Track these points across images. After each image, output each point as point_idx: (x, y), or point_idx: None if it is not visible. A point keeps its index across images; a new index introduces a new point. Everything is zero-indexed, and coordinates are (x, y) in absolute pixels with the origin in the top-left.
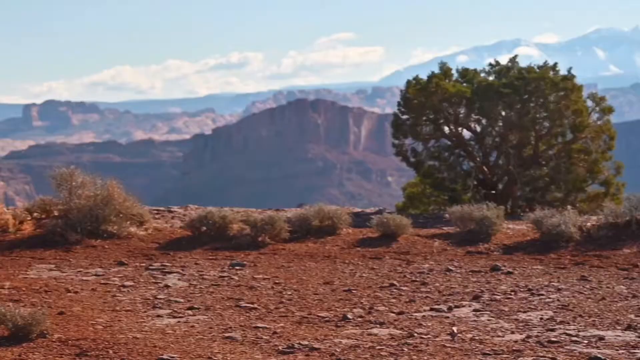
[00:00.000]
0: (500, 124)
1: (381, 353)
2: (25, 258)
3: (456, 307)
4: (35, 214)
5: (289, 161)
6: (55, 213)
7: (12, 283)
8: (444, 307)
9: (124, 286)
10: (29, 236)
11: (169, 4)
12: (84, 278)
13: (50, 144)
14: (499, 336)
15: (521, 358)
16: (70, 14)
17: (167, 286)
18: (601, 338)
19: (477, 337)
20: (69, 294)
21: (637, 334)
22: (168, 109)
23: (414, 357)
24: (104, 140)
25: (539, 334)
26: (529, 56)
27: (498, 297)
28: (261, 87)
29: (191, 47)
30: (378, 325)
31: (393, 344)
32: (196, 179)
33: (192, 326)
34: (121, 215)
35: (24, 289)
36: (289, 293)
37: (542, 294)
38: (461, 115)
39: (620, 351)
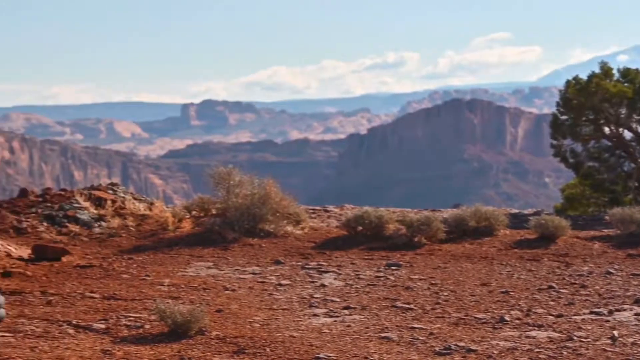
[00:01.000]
0: None
1: (539, 356)
2: (184, 256)
3: (617, 310)
4: (193, 212)
5: (444, 161)
6: (214, 211)
7: (171, 280)
8: (604, 311)
9: (280, 285)
10: (187, 234)
11: (326, 5)
12: (242, 276)
13: (207, 143)
14: None
15: None
16: (228, 16)
17: (323, 285)
18: None
19: (638, 342)
20: (226, 291)
21: None
22: (323, 109)
23: None
24: (260, 140)
25: None
26: None
27: None
28: (417, 87)
29: (347, 47)
30: (536, 328)
31: (552, 347)
32: (351, 178)
33: (349, 326)
34: (278, 214)
35: (183, 286)
36: (446, 294)
37: None
38: (622, 116)
39: None
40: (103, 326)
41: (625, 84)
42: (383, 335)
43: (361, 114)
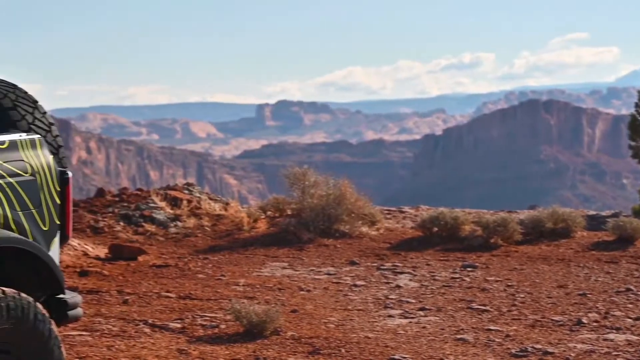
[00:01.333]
0: None
1: (617, 359)
2: (259, 256)
3: None
4: (268, 213)
5: (520, 162)
6: (289, 212)
7: (246, 280)
8: None
9: (355, 285)
10: (262, 234)
11: (402, 5)
12: (317, 277)
13: (282, 144)
14: None
15: None
16: (303, 16)
17: (398, 286)
18: None
19: None
20: (301, 292)
21: None
22: (398, 109)
23: None
24: (335, 140)
25: None
26: None
27: None
28: (492, 88)
29: (423, 47)
30: (614, 331)
31: (630, 350)
32: (426, 179)
33: (424, 327)
34: (353, 214)
35: (258, 286)
36: (522, 296)
37: None
38: None
39: None
40: (179, 325)
41: None
42: (459, 336)
43: (436, 115)
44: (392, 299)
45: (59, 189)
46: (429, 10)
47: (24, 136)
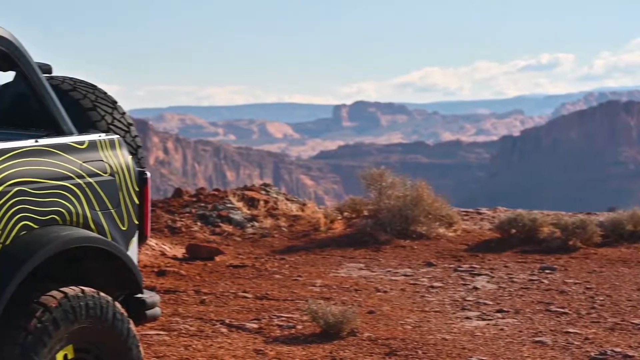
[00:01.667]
0: None
1: None
2: (336, 257)
3: None
4: (345, 214)
5: (598, 164)
6: (365, 213)
7: (323, 281)
8: None
9: (432, 287)
10: (339, 235)
11: (480, 6)
12: (393, 278)
13: (358, 144)
14: None
15: None
16: (380, 17)
17: (475, 288)
18: None
19: None
20: (378, 293)
21: None
22: (476, 110)
23: None
24: (411, 141)
25: None
26: None
27: None
28: (571, 89)
29: (501, 48)
30: None
31: None
32: (503, 180)
33: (502, 329)
34: (430, 216)
35: (334, 287)
36: (601, 298)
37: None
38: None
39: None
40: (256, 326)
41: None
42: (537, 339)
43: (514, 116)
44: (469, 300)
45: (137, 189)
46: (507, 10)
47: (103, 136)
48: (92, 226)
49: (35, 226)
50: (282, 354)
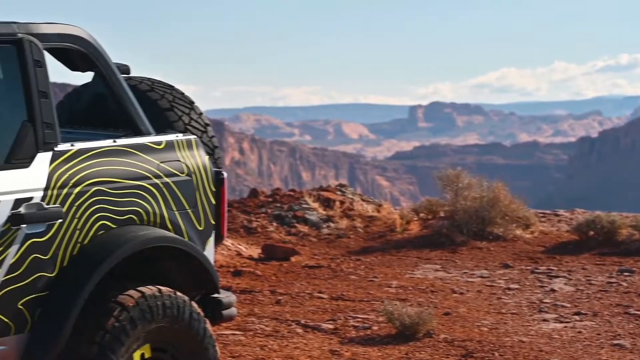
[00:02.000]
0: None
1: None
2: (412, 258)
3: None
4: (421, 215)
5: None
6: (441, 214)
7: (399, 282)
8: None
9: (509, 289)
10: (415, 236)
11: (556, 7)
12: (469, 279)
13: (434, 145)
14: None
15: None
16: (456, 17)
17: (553, 290)
18: None
19: None
20: (454, 294)
21: None
22: (553, 111)
23: None
24: (487, 142)
25: None
26: None
27: None
28: None
29: (579, 48)
30: None
31: None
32: (581, 182)
33: (579, 332)
34: (507, 217)
35: (410, 288)
36: None
37: None
38: None
39: None
40: (331, 326)
41: None
42: (615, 342)
43: (592, 117)
44: (546, 302)
45: (214, 189)
46: (586, 11)
47: (180, 137)
48: (169, 226)
49: (113, 226)
50: (357, 355)
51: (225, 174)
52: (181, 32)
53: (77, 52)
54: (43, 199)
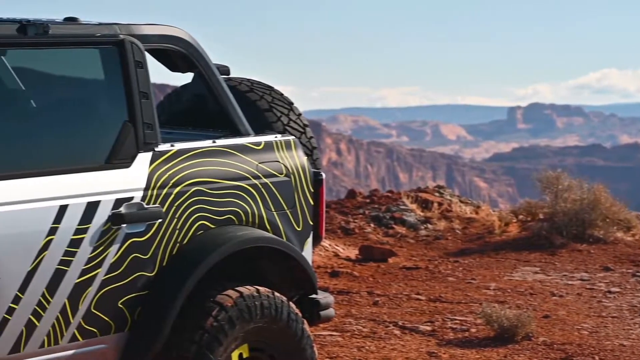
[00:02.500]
0: None
1: None
2: (510, 260)
3: None
4: (520, 216)
5: None
6: (540, 216)
7: (497, 284)
8: None
9: (609, 292)
10: (513, 238)
11: None
12: (569, 282)
13: (533, 147)
14: None
15: None
16: (555, 19)
17: None
18: None
19: None
20: (553, 297)
21: None
22: None
23: None
24: (588, 144)
25: None
26: None
27: None
28: None
29: None
30: None
31: None
32: None
33: None
34: (608, 219)
35: (509, 290)
36: None
37: None
38: None
39: None
40: (429, 328)
41: None
42: None
43: None
44: None
45: (312, 190)
46: None
47: (279, 137)
48: (268, 227)
49: (212, 226)
50: (455, 357)
51: (323, 175)
52: (279, 32)
53: (178, 53)
54: (143, 199)
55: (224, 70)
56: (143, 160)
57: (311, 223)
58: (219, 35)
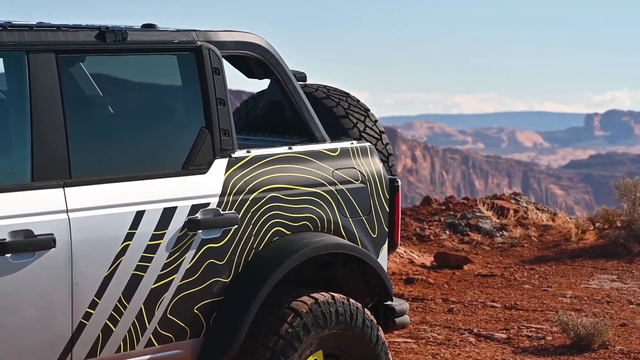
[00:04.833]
0: None
1: None
2: (587, 268)
3: None
4: (597, 224)
5: None
6: (618, 224)
7: (573, 292)
8: None
9: None
10: (590, 246)
11: None
12: None
13: (611, 154)
14: None
15: None
16: (635, 26)
17: None
18: None
19: None
20: (631, 305)
21: None
22: None
23: None
24: None
25: None
26: None
27: None
28: None
29: None
30: None
31: None
32: None
33: None
34: None
35: (585, 298)
36: None
37: None
38: None
39: None
40: (504, 336)
41: None
42: None
43: None
44: None
45: (388, 196)
46: None
47: (355, 144)
48: (343, 233)
49: (288, 232)
50: None
51: (399, 182)
52: (354, 38)
53: (255, 59)
54: (219, 205)
55: (301, 76)
56: (219, 166)
57: (386, 230)
58: (292, 39)
